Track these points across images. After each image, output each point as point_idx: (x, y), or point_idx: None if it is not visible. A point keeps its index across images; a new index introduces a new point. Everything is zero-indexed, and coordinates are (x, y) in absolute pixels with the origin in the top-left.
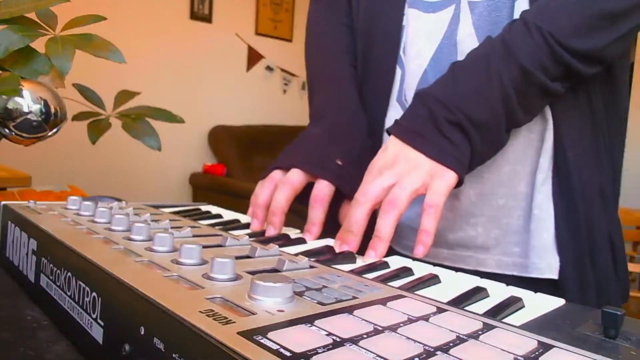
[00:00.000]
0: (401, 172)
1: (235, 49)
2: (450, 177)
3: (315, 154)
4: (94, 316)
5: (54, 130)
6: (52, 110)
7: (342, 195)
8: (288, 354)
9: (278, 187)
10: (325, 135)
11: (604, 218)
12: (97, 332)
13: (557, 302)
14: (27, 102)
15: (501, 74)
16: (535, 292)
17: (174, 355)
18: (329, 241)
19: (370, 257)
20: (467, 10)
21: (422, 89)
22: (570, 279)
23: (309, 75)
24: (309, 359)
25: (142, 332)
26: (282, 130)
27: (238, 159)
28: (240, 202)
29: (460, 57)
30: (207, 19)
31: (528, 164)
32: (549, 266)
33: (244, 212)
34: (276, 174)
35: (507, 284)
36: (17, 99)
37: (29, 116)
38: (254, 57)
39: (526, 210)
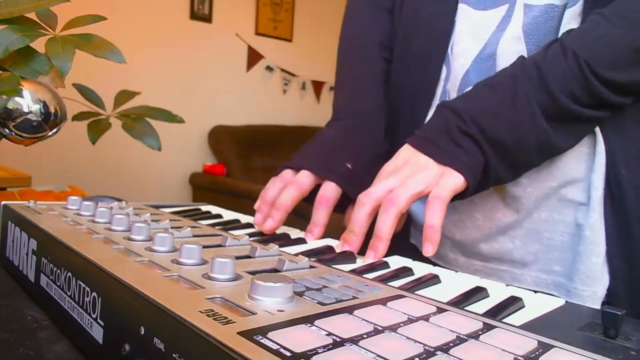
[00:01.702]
0: (407, 175)
1: (235, 49)
2: (457, 177)
3: (325, 156)
4: (94, 316)
5: (54, 130)
6: (52, 110)
7: (347, 197)
8: (288, 354)
9: (286, 186)
10: (339, 137)
11: None
12: (97, 332)
13: (557, 302)
14: (27, 102)
15: (529, 97)
16: None
17: (174, 355)
18: (329, 241)
19: (370, 258)
20: (520, 12)
21: (443, 101)
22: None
23: (338, 66)
24: (309, 359)
25: (142, 332)
26: (282, 130)
27: (238, 159)
28: (240, 202)
29: (501, 60)
30: (207, 19)
31: (579, 180)
32: (593, 294)
33: (244, 212)
34: (287, 174)
35: None
36: (17, 99)
37: (29, 116)
38: (254, 57)
39: (571, 228)
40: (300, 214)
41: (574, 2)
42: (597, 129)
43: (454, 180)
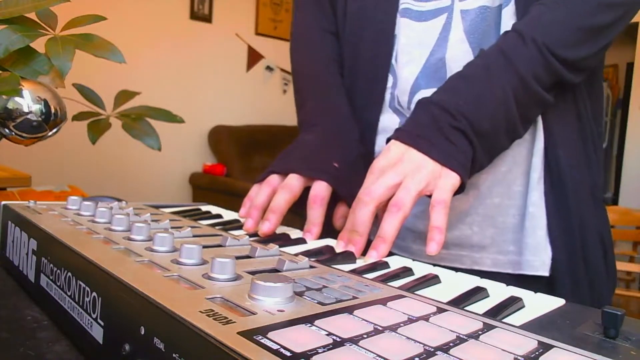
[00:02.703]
0: (405, 172)
1: (235, 49)
2: (454, 178)
3: (312, 158)
4: (94, 316)
5: (54, 130)
6: (52, 110)
7: (335, 199)
8: (288, 354)
9: (278, 190)
10: (320, 141)
11: (595, 216)
12: (97, 332)
13: (557, 302)
14: (27, 102)
15: (503, 84)
16: (530, 289)
17: (174, 355)
18: (329, 241)
19: (372, 258)
20: (459, 19)
21: (423, 98)
22: (563, 276)
23: (296, 82)
24: (309, 359)
25: (142, 332)
26: (282, 130)
27: (238, 159)
28: (240, 202)
29: (451, 63)
30: (207, 19)
31: (522, 163)
32: (542, 263)
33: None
34: (273, 179)
35: (502, 283)
36: (17, 99)
37: (29, 116)
38: (254, 57)
39: (521, 209)
40: (296, 212)
41: (507, 3)
42: (539, 117)
43: (452, 181)
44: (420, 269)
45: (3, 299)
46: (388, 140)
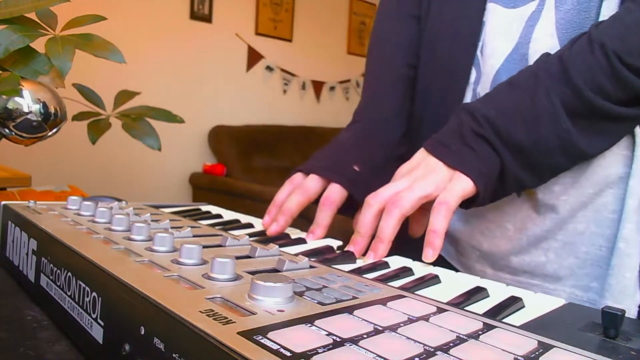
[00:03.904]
0: (416, 177)
1: (235, 49)
2: (466, 182)
3: (334, 159)
4: (94, 316)
5: (54, 130)
6: (52, 110)
7: (355, 200)
8: (288, 354)
9: (293, 191)
10: (351, 140)
11: None
12: (97, 332)
13: (557, 302)
14: (27, 102)
15: (550, 94)
16: None
17: (174, 355)
18: (329, 241)
19: (370, 258)
20: (552, 7)
21: (465, 103)
22: None
23: (365, 70)
24: (309, 359)
25: (142, 332)
26: (282, 130)
27: (238, 159)
28: (240, 202)
29: (532, 59)
30: (207, 19)
31: (617, 186)
32: (627, 312)
33: (244, 212)
34: (297, 177)
35: None
36: (17, 99)
37: (29, 116)
38: (254, 57)
39: (611, 241)
40: (302, 215)
41: None
42: (638, 129)
43: (463, 185)
44: (420, 269)
45: (3, 299)
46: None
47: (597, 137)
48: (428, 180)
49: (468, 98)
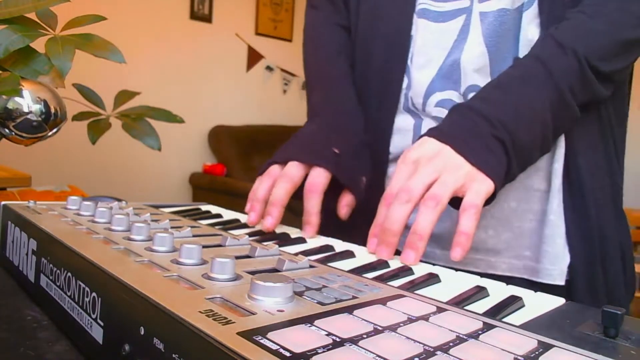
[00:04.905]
0: (441, 169)
1: (235, 49)
2: (489, 185)
3: (311, 146)
4: (94, 316)
5: (54, 130)
6: (52, 110)
7: (338, 187)
8: (288, 354)
9: (277, 180)
10: (321, 129)
11: (615, 224)
12: (97, 332)
13: (557, 301)
14: (27, 102)
15: (542, 97)
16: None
17: (174, 355)
18: (329, 241)
19: (410, 258)
20: (477, 21)
21: (460, 103)
22: (581, 284)
23: (306, 76)
24: (308, 359)
25: (142, 332)
26: (282, 130)
27: (238, 159)
28: (240, 202)
29: (466, 64)
30: (207, 19)
31: (543, 169)
32: (561, 272)
33: (244, 212)
34: (274, 169)
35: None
36: (17, 99)
37: (29, 116)
38: (254, 57)
39: (539, 215)
40: (293, 210)
41: (529, 5)
42: None
43: (487, 188)
44: (420, 269)
45: (3, 299)
46: (419, 138)
47: (560, 134)
48: (456, 175)
49: (402, 101)
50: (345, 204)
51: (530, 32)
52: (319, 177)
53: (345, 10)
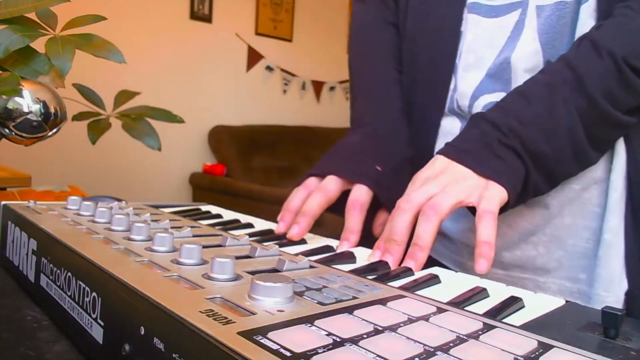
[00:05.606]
0: (447, 182)
1: (235, 49)
2: (502, 191)
3: (353, 161)
4: (94, 316)
5: (54, 130)
6: (52, 110)
7: (377, 205)
8: (288, 354)
9: (312, 193)
10: (364, 143)
11: None
12: (97, 332)
13: (557, 302)
14: (27, 102)
15: (568, 104)
16: None
17: (174, 355)
18: (329, 241)
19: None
20: (533, 15)
21: (477, 113)
22: (639, 313)
23: (351, 78)
24: (309, 359)
25: (142, 332)
26: (282, 130)
27: (238, 159)
28: (240, 202)
29: (517, 63)
30: (207, 19)
31: (601, 181)
32: (617, 300)
33: (244, 212)
34: (311, 181)
35: None
36: (17, 99)
37: (29, 116)
38: (254, 57)
39: (597, 233)
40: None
41: None
42: None
43: (500, 195)
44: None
45: (3, 299)
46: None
47: (604, 144)
48: (462, 186)
49: (448, 102)
50: (381, 223)
51: (588, 27)
52: (363, 196)
53: (395, 5)
